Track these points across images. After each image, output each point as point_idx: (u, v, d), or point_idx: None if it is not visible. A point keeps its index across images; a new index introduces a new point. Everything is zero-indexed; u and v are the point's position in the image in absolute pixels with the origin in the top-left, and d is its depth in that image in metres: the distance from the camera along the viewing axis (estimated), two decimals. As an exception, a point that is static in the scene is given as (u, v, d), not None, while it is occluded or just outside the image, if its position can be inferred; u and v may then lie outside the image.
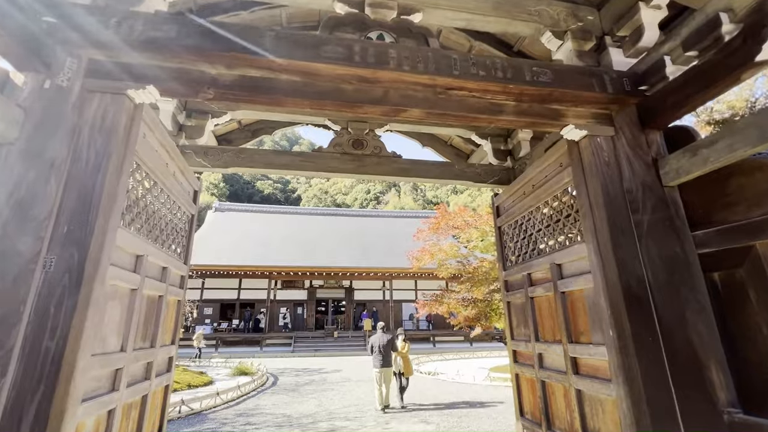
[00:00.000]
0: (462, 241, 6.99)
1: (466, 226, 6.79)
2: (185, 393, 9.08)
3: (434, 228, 7.13)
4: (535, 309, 3.69)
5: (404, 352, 7.47)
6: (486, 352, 18.90)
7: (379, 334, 7.89)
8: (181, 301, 3.76)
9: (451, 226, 6.95)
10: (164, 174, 3.10)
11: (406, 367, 7.43)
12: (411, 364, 7.61)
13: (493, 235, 7.10)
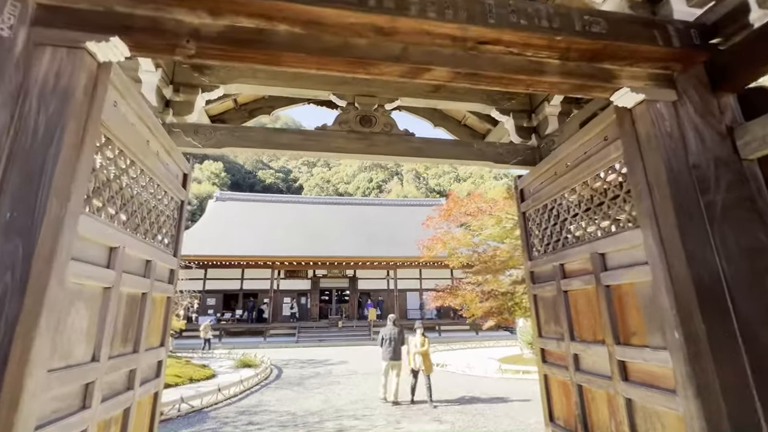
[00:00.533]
0: (474, 229, 6.57)
1: (479, 213, 6.36)
2: (186, 388, 8.80)
3: (445, 215, 6.69)
4: (569, 304, 3.27)
5: (425, 349, 7.05)
6: (493, 341, 18.63)
7: (389, 326, 7.59)
8: (171, 298, 3.35)
9: (463, 213, 6.52)
10: (145, 153, 2.66)
11: (426, 364, 6.98)
12: (431, 360, 7.13)
13: (510, 222, 6.71)
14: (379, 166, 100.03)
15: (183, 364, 11.28)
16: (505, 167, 4.18)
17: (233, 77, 3.87)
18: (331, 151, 3.84)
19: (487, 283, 6.05)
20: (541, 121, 4.23)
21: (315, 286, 25.03)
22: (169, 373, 9.82)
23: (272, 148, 3.76)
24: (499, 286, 6.03)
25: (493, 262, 6.20)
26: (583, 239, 3.09)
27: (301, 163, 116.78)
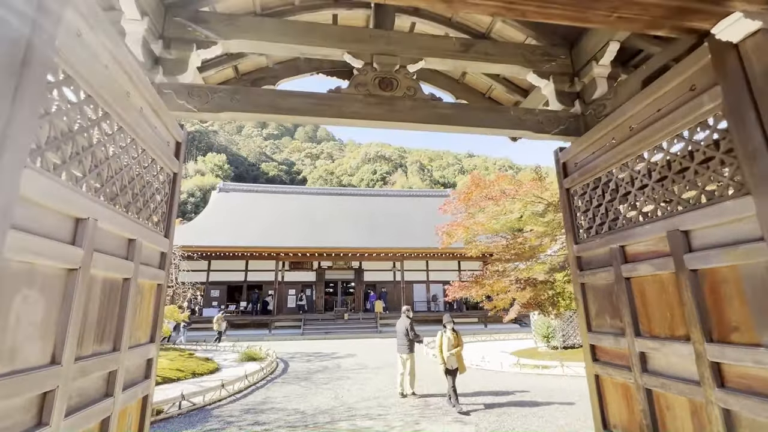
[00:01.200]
0: (495, 214, 6.06)
1: (502, 197, 5.84)
2: (189, 383, 8.41)
3: (465, 199, 6.17)
4: (632, 293, 2.76)
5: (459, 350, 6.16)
6: (503, 334, 18.19)
7: (403, 318, 7.15)
8: (162, 285, 2.87)
9: (484, 197, 6.01)
10: (124, 107, 2.16)
11: (460, 364, 6.18)
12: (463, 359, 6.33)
13: (539, 205, 6.19)
14: (383, 158, 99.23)
15: (186, 358, 10.91)
16: (545, 137, 3.65)
17: (234, 32, 3.35)
18: (347, 117, 3.32)
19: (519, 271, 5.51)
20: (587, 85, 3.68)
21: (320, 278, 24.63)
22: (172, 367, 9.43)
23: (279, 114, 3.24)
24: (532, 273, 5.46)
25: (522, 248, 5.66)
26: (654, 215, 2.57)
27: (304, 155, 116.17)
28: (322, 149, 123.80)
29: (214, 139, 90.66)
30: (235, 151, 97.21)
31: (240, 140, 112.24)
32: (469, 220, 5.88)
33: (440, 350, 6.25)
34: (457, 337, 6.32)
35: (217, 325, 16.93)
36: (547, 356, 10.77)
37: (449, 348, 6.16)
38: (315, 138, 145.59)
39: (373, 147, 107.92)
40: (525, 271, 5.39)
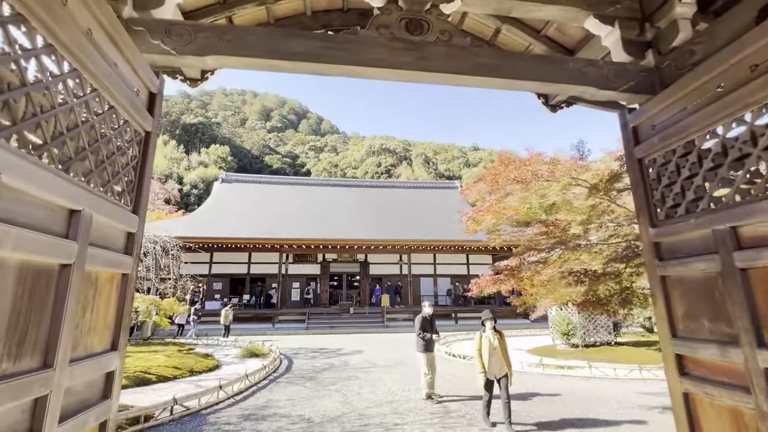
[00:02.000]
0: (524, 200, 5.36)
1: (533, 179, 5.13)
2: (185, 382, 7.83)
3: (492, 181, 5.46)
4: (752, 289, 2.07)
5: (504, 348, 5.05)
6: (515, 330, 17.53)
7: (425, 311, 6.50)
8: (129, 276, 2.21)
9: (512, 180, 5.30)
10: (71, 34, 1.49)
11: (507, 366, 5.02)
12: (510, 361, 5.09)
13: (574, 188, 5.47)
14: (387, 151, 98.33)
15: (184, 354, 10.36)
16: (611, 95, 2.94)
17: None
18: (367, 65, 2.62)
19: (567, 260, 4.77)
20: (663, 31, 2.96)
21: (325, 271, 24.05)
22: (168, 364, 8.87)
23: (281, 60, 2.55)
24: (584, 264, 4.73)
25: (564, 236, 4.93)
26: (796, 183, 1.87)
27: (308, 148, 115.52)
28: (326, 142, 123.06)
29: (217, 131, 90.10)
30: (239, 143, 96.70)
31: (243, 132, 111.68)
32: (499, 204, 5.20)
33: (479, 356, 5.10)
34: (502, 339, 5.14)
35: (225, 318, 16.31)
36: (569, 355, 10.11)
37: (491, 353, 5.00)
38: (319, 131, 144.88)
39: (378, 140, 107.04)
40: (572, 260, 4.64)
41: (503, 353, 5.08)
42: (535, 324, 20.78)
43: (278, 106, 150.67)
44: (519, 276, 4.90)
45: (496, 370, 5.03)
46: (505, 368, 5.02)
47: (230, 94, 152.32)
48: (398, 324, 20.32)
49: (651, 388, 7.09)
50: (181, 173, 56.34)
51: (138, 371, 8.11)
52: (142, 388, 7.27)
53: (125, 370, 8.56)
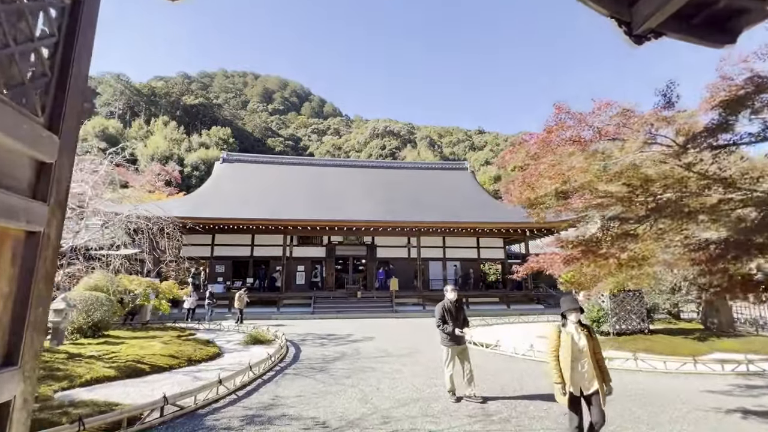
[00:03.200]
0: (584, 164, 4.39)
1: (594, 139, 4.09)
2: (182, 373, 7.01)
3: (543, 141, 4.42)
4: None
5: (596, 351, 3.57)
6: (533, 316, 16.72)
7: (448, 297, 5.57)
8: (43, 235, 1.26)
9: (567, 140, 4.24)
10: None
11: (603, 382, 3.51)
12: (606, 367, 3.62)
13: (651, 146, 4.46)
14: (391, 133, 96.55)
15: (183, 341, 9.56)
16: None
17: None
18: None
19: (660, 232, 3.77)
20: None
21: (330, 254, 23.23)
22: (164, 352, 8.06)
23: None
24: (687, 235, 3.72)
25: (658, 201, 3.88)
26: None
27: (310, 131, 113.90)
28: (328, 125, 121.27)
29: (218, 113, 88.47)
30: (240, 125, 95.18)
31: (245, 115, 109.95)
32: (563, 164, 4.20)
33: (555, 361, 3.56)
34: (592, 338, 3.61)
35: (240, 302, 15.36)
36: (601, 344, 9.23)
37: (575, 356, 3.46)
38: (321, 113, 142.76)
39: (381, 122, 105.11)
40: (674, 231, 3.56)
41: (595, 357, 3.52)
42: (549, 310, 20.00)
43: (280, 88, 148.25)
44: (601, 254, 3.93)
45: (583, 381, 3.48)
46: (597, 380, 3.44)
47: (231, 76, 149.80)
48: (407, 309, 19.55)
49: (712, 384, 6.22)
50: (182, 155, 55.22)
51: (130, 361, 7.30)
52: (133, 381, 6.46)
53: (116, 359, 7.76)
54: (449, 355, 5.40)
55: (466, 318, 5.56)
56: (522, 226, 20.85)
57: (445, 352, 5.48)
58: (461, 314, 5.50)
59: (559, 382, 3.54)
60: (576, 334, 3.59)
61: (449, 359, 5.40)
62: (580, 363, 3.51)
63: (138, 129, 61.41)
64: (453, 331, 5.25)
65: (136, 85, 77.84)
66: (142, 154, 50.90)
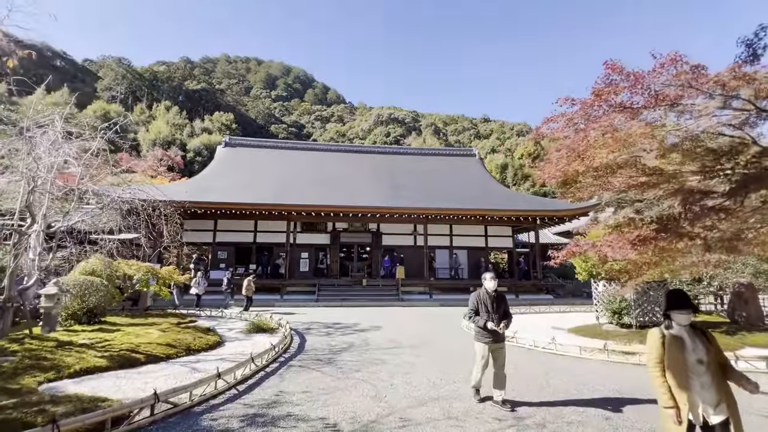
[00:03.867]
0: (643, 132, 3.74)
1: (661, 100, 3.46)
2: (179, 363, 6.52)
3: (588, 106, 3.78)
4: None
5: (721, 363, 2.62)
6: (543, 306, 16.15)
7: (487, 286, 4.84)
8: None
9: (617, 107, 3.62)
10: None
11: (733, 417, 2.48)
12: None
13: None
14: (396, 120, 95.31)
15: (182, 329, 9.09)
16: None
17: None
18: None
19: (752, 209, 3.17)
20: None
21: (335, 241, 22.71)
22: (162, 340, 7.59)
23: None
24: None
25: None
26: None
27: (314, 118, 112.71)
28: (332, 112, 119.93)
29: (221, 98, 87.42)
30: (243, 111, 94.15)
31: (248, 101, 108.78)
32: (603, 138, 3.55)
33: (662, 377, 2.61)
34: (713, 345, 2.65)
35: (248, 289, 14.85)
36: (623, 337, 8.70)
37: (692, 369, 2.55)
38: (325, 100, 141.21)
39: (386, 110, 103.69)
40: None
41: (720, 372, 2.58)
42: (559, 300, 19.48)
43: (283, 74, 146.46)
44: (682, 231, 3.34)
45: (705, 403, 2.51)
46: (727, 403, 2.51)
47: (234, 61, 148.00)
48: (414, 297, 19.08)
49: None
50: (185, 140, 54.52)
51: (124, 350, 6.82)
52: (127, 372, 5.97)
53: (109, 348, 7.26)
54: (483, 354, 4.68)
55: (507, 311, 4.80)
56: (533, 213, 20.22)
57: (478, 350, 4.76)
58: (501, 307, 4.75)
59: (671, 406, 2.53)
60: (689, 340, 2.63)
61: (483, 358, 4.68)
62: (700, 380, 2.54)
63: (140, 113, 60.65)
64: (485, 326, 4.55)
65: (138, 69, 76.77)
66: (144, 139, 50.28)
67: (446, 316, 13.78)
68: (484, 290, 4.86)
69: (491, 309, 4.69)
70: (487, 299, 4.76)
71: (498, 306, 4.74)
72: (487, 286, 4.86)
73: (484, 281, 4.93)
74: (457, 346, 8.34)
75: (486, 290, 4.85)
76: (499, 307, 4.74)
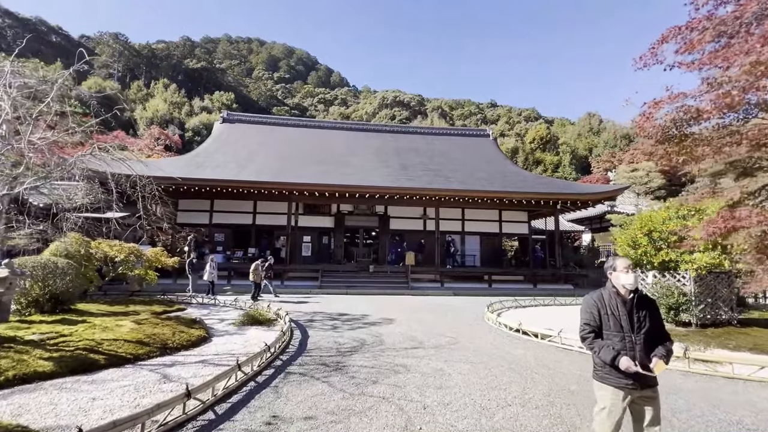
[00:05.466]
0: None
1: None
2: (148, 368, 5.13)
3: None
4: None
5: None
6: (565, 297, 14.73)
7: (623, 279, 2.58)
8: None
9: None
10: None
11: None
12: None
13: None
14: (401, 104, 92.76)
15: (162, 320, 7.70)
16: None
17: None
18: None
19: None
20: None
21: (339, 224, 21.28)
22: (133, 336, 6.22)
23: None
24: None
25: None
26: None
27: (317, 101, 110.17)
28: (336, 95, 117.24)
29: (221, 78, 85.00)
30: (245, 93, 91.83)
31: (250, 83, 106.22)
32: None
33: None
34: None
35: (255, 275, 13.35)
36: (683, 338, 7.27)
37: None
38: (329, 83, 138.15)
39: (391, 93, 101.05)
40: None
41: None
42: (580, 291, 18.06)
43: (286, 56, 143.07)
44: None
45: None
46: None
47: (236, 42, 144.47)
48: (424, 286, 17.71)
49: None
50: (183, 119, 52.68)
51: (82, 349, 5.44)
52: (76, 380, 4.60)
53: (63, 346, 5.81)
54: (612, 406, 2.52)
55: (662, 331, 2.58)
56: (556, 197, 18.66)
57: (601, 398, 2.59)
58: (646, 320, 2.53)
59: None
60: None
61: (611, 414, 2.52)
62: None
63: (137, 91, 58.64)
64: (615, 361, 2.42)
65: (136, 46, 74.32)
66: (140, 117, 48.51)
67: (463, 307, 12.41)
68: (611, 291, 2.65)
69: (628, 325, 2.52)
70: (617, 307, 2.57)
71: (641, 319, 2.53)
72: (622, 282, 2.60)
73: (611, 273, 2.68)
74: (490, 346, 6.96)
75: (614, 290, 2.64)
76: (641, 321, 2.53)
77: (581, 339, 2.65)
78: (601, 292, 2.69)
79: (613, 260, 2.72)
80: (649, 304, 2.63)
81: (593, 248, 27.55)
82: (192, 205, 20.04)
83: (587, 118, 68.87)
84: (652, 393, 2.53)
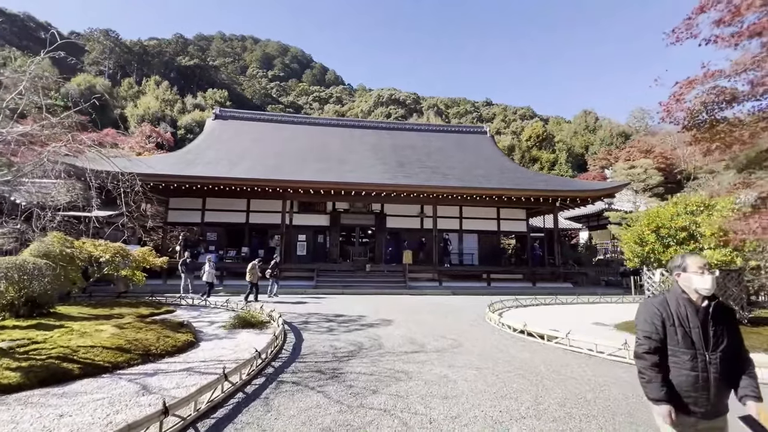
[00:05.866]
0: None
1: None
2: (127, 378, 4.70)
3: None
4: None
5: None
6: (565, 296, 14.43)
7: (696, 282, 2.06)
8: None
9: None
10: None
11: None
12: None
13: None
14: (397, 102, 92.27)
15: (147, 324, 7.26)
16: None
17: None
18: None
19: None
20: None
21: (335, 223, 20.86)
22: (114, 341, 5.78)
23: None
24: None
25: None
26: None
27: (312, 99, 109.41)
28: (331, 93, 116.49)
29: (215, 76, 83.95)
30: (239, 91, 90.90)
31: (244, 81, 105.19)
32: None
33: None
34: None
35: (252, 275, 12.86)
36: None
37: None
38: (323, 81, 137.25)
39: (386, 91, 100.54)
40: None
41: None
42: (579, 289, 17.79)
43: (280, 54, 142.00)
44: None
45: None
46: None
47: (230, 40, 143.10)
48: (422, 285, 17.35)
49: None
50: (176, 116, 51.87)
51: (55, 357, 5.00)
52: (45, 393, 4.16)
53: (35, 354, 5.28)
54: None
55: (742, 350, 2.07)
56: (556, 194, 18.36)
57: (665, 427, 2.04)
58: (723, 336, 2.04)
59: None
60: None
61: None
62: None
63: (128, 88, 57.65)
64: (657, 403, 2.01)
65: (127, 43, 73.16)
66: (131, 115, 47.67)
67: (463, 306, 12.05)
68: (680, 297, 2.13)
69: (700, 341, 2.03)
70: (687, 317, 2.07)
71: (717, 334, 2.04)
72: (692, 286, 2.10)
73: (679, 274, 2.17)
74: (495, 349, 6.60)
75: (684, 296, 2.13)
76: (718, 336, 2.04)
77: (635, 356, 2.14)
78: (665, 297, 2.17)
79: (683, 259, 2.18)
80: (728, 314, 2.11)
81: (591, 246, 27.34)
82: (183, 203, 19.54)
83: (583, 115, 68.90)
84: (722, 423, 2.08)
